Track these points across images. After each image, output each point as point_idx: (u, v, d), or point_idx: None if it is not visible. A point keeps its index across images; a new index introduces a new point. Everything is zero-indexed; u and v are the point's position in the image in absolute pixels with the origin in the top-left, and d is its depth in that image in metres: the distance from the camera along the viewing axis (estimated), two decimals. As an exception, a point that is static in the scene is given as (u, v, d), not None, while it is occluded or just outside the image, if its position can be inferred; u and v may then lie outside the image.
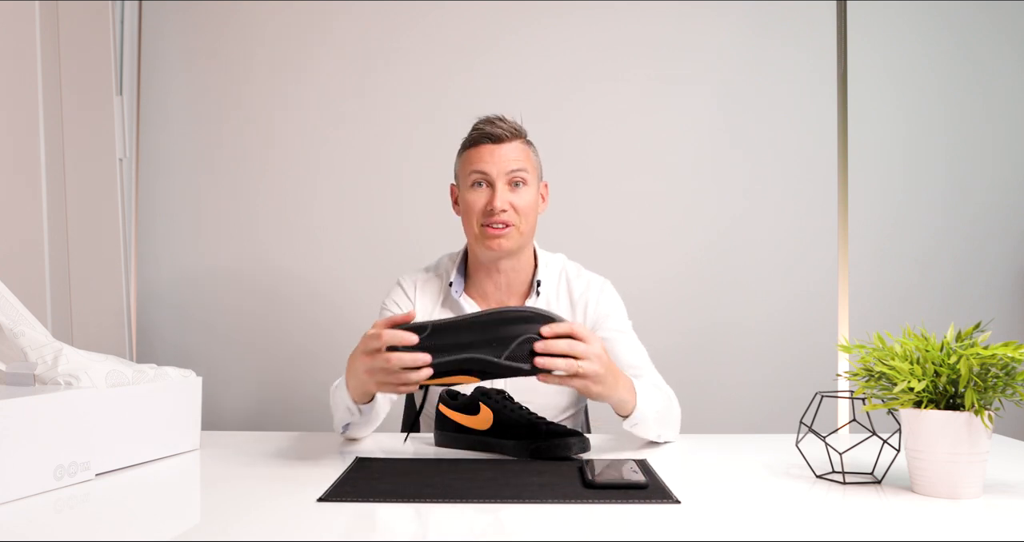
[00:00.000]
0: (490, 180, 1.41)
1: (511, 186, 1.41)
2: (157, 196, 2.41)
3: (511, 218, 1.41)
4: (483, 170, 1.41)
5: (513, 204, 1.40)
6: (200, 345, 2.40)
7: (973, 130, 2.38)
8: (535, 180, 1.45)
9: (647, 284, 2.30)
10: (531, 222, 1.45)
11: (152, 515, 0.94)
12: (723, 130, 2.37)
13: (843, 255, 1.94)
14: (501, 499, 0.96)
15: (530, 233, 1.46)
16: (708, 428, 1.53)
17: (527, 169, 1.42)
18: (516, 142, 1.43)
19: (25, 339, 1.13)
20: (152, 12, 2.39)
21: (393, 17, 2.38)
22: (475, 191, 1.42)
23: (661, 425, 1.32)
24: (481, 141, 1.42)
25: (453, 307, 1.51)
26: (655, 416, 1.29)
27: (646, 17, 2.37)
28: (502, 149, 1.41)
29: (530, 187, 1.43)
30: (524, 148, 1.44)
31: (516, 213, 1.41)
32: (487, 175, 1.41)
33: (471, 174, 1.42)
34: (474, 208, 1.42)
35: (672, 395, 1.39)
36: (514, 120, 1.46)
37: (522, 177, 1.41)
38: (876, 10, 2.36)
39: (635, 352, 1.46)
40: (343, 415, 1.29)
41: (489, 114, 1.46)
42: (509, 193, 1.41)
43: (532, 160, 1.46)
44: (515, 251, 1.45)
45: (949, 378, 0.99)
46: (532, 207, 1.44)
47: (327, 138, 2.40)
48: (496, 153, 1.41)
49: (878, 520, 0.91)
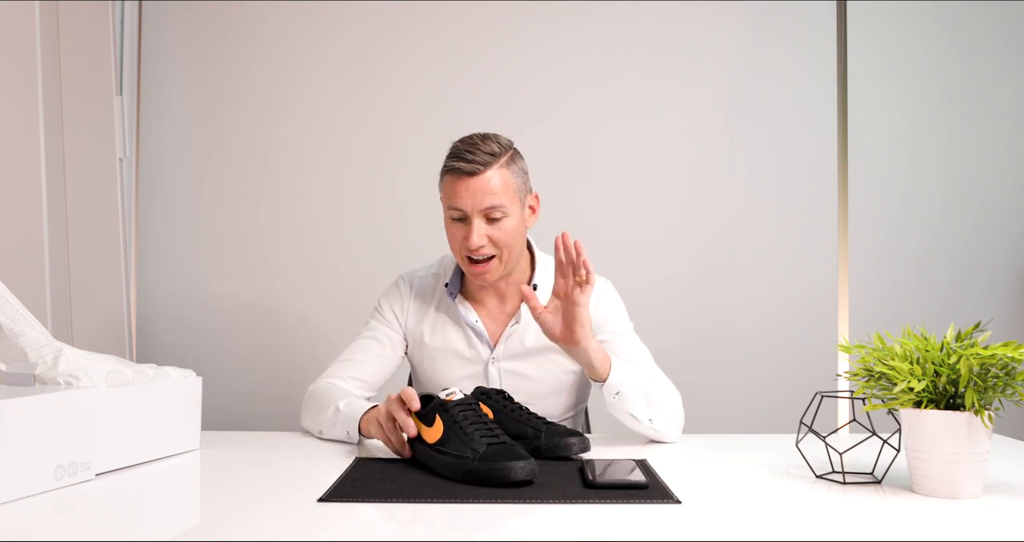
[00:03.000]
0: (466, 215, 1.38)
1: (488, 221, 1.38)
2: (157, 196, 2.41)
3: (489, 251, 1.39)
4: (458, 207, 1.37)
5: (492, 238, 1.38)
6: (200, 345, 2.40)
7: (973, 130, 2.38)
8: (516, 205, 1.40)
9: (647, 284, 2.30)
10: (515, 248, 1.42)
11: (152, 515, 0.94)
12: (723, 130, 2.37)
13: (843, 255, 1.94)
14: (501, 499, 0.96)
15: (515, 256, 1.44)
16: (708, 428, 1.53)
17: (504, 202, 1.36)
18: (491, 170, 1.36)
19: (25, 339, 1.13)
20: (152, 12, 2.39)
21: (393, 17, 2.38)
22: (454, 224, 1.41)
23: (652, 408, 1.31)
24: (455, 172, 1.37)
25: (448, 310, 1.51)
26: (638, 390, 1.29)
27: (646, 18, 2.37)
28: (476, 182, 1.35)
29: (510, 216, 1.39)
30: (501, 174, 1.37)
31: (495, 246, 1.39)
32: (462, 210, 1.38)
33: (448, 208, 1.40)
34: (454, 240, 1.41)
35: (672, 388, 1.38)
36: (492, 140, 1.39)
37: (500, 211, 1.37)
38: (876, 10, 2.36)
39: (636, 353, 1.45)
40: (337, 434, 1.33)
41: (469, 135, 1.40)
42: (486, 227, 1.37)
43: (511, 185, 1.38)
44: (502, 276, 1.45)
45: (949, 378, 0.99)
46: (513, 234, 1.40)
47: (327, 138, 2.40)
48: (471, 187, 1.35)
49: (878, 520, 0.91)
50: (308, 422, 1.40)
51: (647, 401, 1.31)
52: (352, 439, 1.31)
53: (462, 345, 1.49)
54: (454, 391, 1.17)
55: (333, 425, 1.33)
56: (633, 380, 1.30)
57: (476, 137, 1.39)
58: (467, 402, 1.14)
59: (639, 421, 1.31)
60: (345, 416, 1.31)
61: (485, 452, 1.04)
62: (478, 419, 1.12)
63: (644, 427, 1.32)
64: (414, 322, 1.52)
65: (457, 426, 1.09)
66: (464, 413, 1.12)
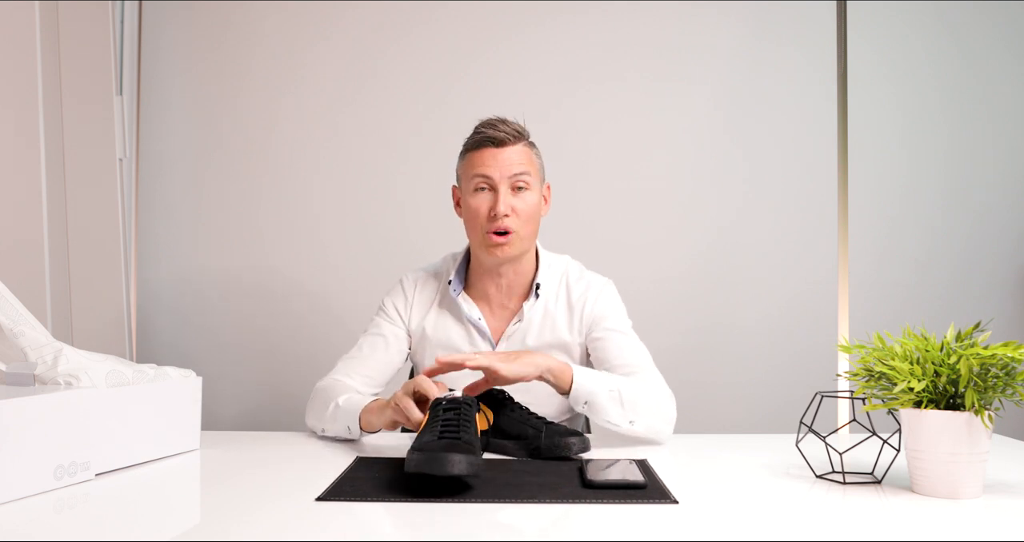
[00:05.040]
0: (493, 184, 1.40)
1: (514, 190, 1.40)
2: (157, 196, 2.41)
3: (513, 224, 1.40)
4: (486, 174, 1.40)
5: (515, 208, 1.40)
6: (200, 345, 2.40)
7: (973, 130, 2.38)
8: (538, 183, 1.44)
9: (647, 284, 2.30)
10: (533, 227, 1.44)
11: (152, 515, 0.94)
12: (723, 130, 2.37)
13: (843, 255, 1.94)
14: (501, 499, 0.96)
15: (531, 238, 1.46)
16: (708, 428, 1.53)
17: (530, 173, 1.41)
18: (519, 145, 1.42)
19: (25, 339, 1.13)
20: (152, 12, 2.39)
21: (394, 17, 2.38)
22: (478, 195, 1.41)
23: (629, 409, 1.29)
24: (484, 144, 1.41)
25: (450, 307, 1.51)
26: (608, 395, 1.28)
27: (646, 18, 2.37)
28: (505, 152, 1.40)
29: (532, 191, 1.42)
30: (527, 151, 1.43)
31: (518, 217, 1.40)
32: (490, 179, 1.40)
33: (474, 178, 1.41)
34: (477, 212, 1.41)
35: (657, 386, 1.37)
36: (516, 122, 1.44)
37: (525, 181, 1.40)
38: (876, 10, 2.36)
39: (628, 351, 1.44)
40: (338, 430, 1.33)
41: (491, 116, 1.44)
42: (512, 197, 1.40)
43: (535, 163, 1.44)
44: (517, 256, 1.45)
45: (949, 378, 0.99)
46: (534, 211, 1.43)
47: (327, 138, 2.40)
48: (499, 157, 1.40)
49: (878, 520, 0.91)
50: (312, 420, 1.41)
51: (621, 404, 1.29)
52: (353, 434, 1.31)
53: (463, 342, 1.49)
54: (454, 392, 1.17)
55: (334, 421, 1.33)
56: (602, 387, 1.29)
57: (499, 117, 1.44)
58: (460, 400, 1.13)
59: (618, 426, 1.30)
60: (344, 411, 1.31)
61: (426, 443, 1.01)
62: (455, 417, 1.09)
63: (626, 429, 1.31)
64: (417, 319, 1.52)
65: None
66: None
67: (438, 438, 1.03)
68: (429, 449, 0.99)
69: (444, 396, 1.15)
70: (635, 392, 1.32)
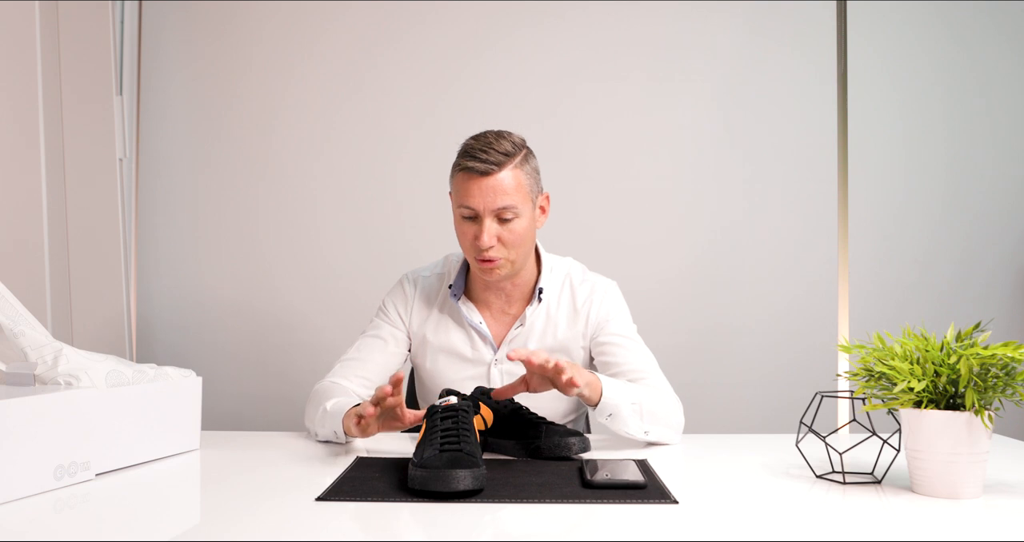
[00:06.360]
0: (478, 214, 1.37)
1: (499, 221, 1.37)
2: (157, 196, 2.41)
3: (498, 253, 1.38)
4: (469, 206, 1.36)
5: (501, 237, 1.37)
6: (200, 345, 2.40)
7: (973, 130, 2.38)
8: (527, 205, 1.39)
9: (647, 284, 2.30)
10: (523, 248, 1.41)
11: (152, 515, 0.94)
12: (723, 130, 2.37)
13: (843, 255, 1.94)
14: (501, 499, 0.96)
15: (524, 257, 1.43)
16: (708, 428, 1.53)
17: (516, 202, 1.36)
18: (504, 171, 1.35)
19: (25, 339, 1.13)
20: (152, 12, 2.39)
21: (393, 17, 2.38)
22: (464, 222, 1.39)
23: (647, 420, 1.30)
24: (469, 172, 1.35)
25: (451, 311, 1.51)
26: (631, 409, 1.28)
27: (646, 17, 2.37)
28: (490, 182, 1.34)
29: (521, 217, 1.38)
30: (515, 174, 1.36)
31: (504, 246, 1.38)
32: (474, 210, 1.37)
33: (459, 207, 1.39)
34: (464, 238, 1.40)
35: (670, 396, 1.38)
36: (506, 139, 1.37)
37: (512, 212, 1.36)
38: (876, 10, 2.35)
39: (637, 356, 1.44)
40: (327, 434, 1.32)
41: (484, 132, 1.39)
42: (497, 227, 1.37)
43: (524, 187, 1.37)
44: (509, 276, 1.44)
45: (949, 378, 0.99)
46: (522, 235, 1.39)
47: (327, 138, 2.40)
48: (484, 187, 1.34)
49: (878, 520, 0.91)
50: (307, 423, 1.40)
51: (641, 417, 1.30)
52: (340, 439, 1.30)
53: (465, 346, 1.49)
54: (450, 398, 1.15)
55: (323, 425, 1.32)
56: (625, 399, 1.28)
57: (490, 135, 1.38)
58: (457, 407, 1.11)
59: (634, 435, 1.31)
60: (331, 416, 1.30)
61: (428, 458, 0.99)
62: (453, 425, 1.07)
63: (640, 438, 1.32)
64: (418, 322, 1.51)
65: (430, 431, 1.07)
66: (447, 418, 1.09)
67: (439, 451, 1.01)
68: (432, 466, 0.97)
69: (439, 403, 1.14)
70: (653, 404, 1.32)
